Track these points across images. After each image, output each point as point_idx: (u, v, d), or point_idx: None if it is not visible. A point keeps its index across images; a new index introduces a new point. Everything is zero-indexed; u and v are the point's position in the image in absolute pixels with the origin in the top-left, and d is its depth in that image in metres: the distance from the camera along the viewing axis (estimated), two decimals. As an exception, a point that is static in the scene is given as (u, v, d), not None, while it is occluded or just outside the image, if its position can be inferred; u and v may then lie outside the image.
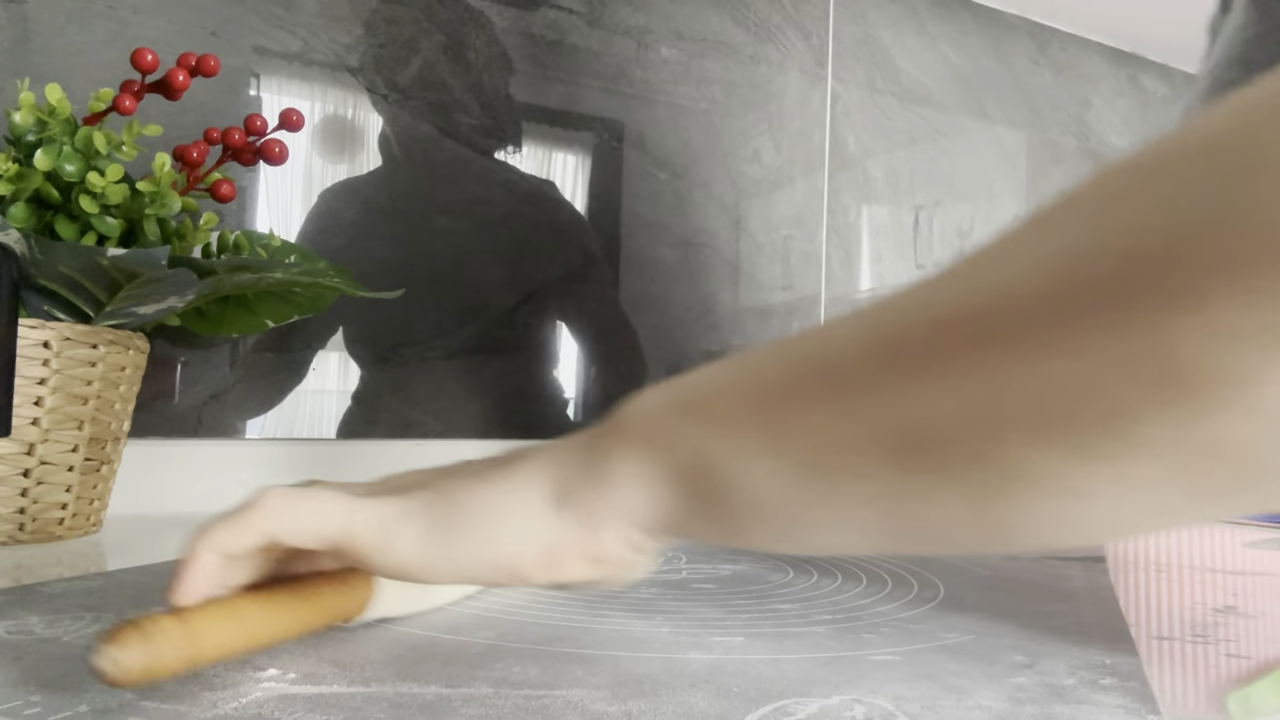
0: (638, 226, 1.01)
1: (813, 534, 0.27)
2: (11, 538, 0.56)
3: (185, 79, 0.64)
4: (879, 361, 0.24)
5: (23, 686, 0.28)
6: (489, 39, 0.92)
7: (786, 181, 1.11)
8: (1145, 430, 0.21)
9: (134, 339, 0.62)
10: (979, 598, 0.46)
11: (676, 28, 1.03)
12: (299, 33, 0.83)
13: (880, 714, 0.28)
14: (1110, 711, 0.29)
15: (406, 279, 0.86)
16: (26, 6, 0.72)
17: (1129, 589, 0.51)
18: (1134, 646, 0.37)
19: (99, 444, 0.60)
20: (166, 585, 0.29)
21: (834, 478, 0.25)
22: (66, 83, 0.67)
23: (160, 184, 0.60)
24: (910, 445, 0.24)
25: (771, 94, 1.09)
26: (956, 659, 0.34)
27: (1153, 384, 0.20)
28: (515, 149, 0.94)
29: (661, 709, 0.28)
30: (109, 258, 0.54)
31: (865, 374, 0.25)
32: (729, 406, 0.28)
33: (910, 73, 1.20)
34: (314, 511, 0.30)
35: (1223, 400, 0.19)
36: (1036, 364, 0.21)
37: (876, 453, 0.24)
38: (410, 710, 0.27)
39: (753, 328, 1.07)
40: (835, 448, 0.25)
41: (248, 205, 0.81)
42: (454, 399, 0.90)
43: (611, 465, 0.29)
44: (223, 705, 0.27)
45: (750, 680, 0.31)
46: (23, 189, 0.57)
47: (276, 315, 0.74)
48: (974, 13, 1.26)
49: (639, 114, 1.01)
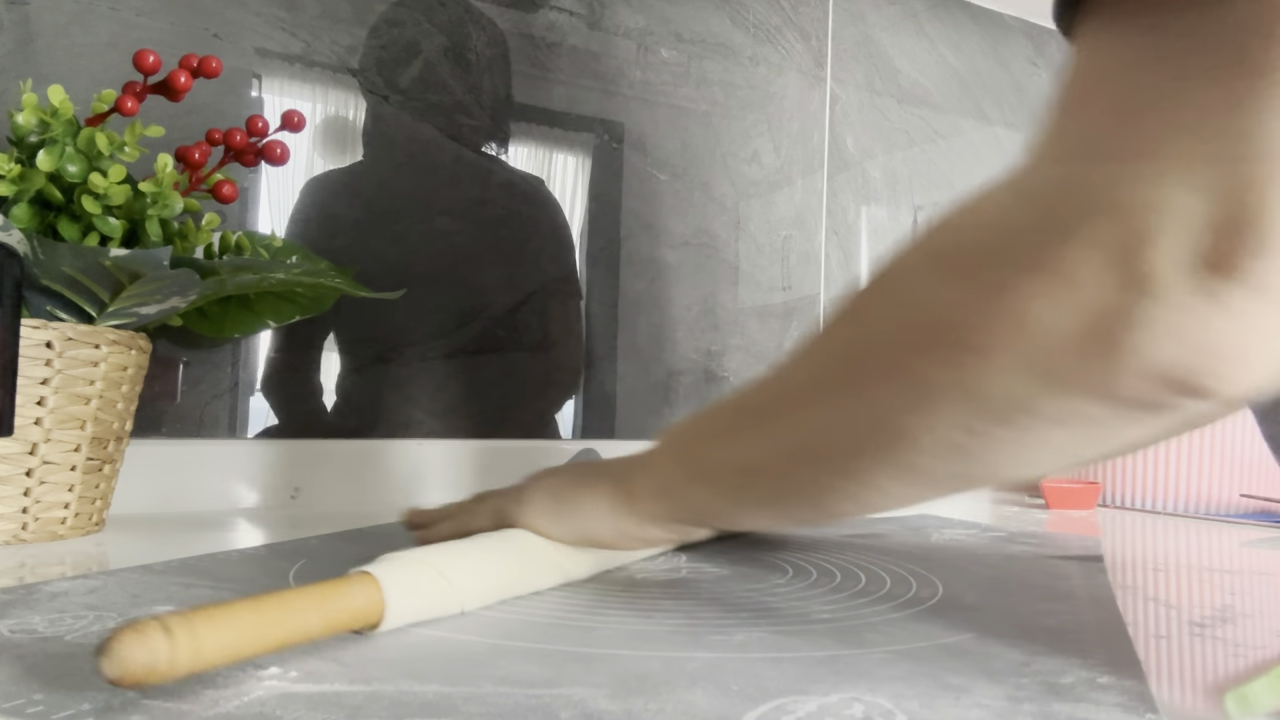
0: (638, 227, 1.01)
1: (741, 523, 0.51)
2: (14, 537, 0.56)
3: (187, 80, 0.64)
4: (777, 402, 0.39)
5: (25, 685, 0.29)
6: (489, 41, 0.92)
7: (786, 182, 1.11)
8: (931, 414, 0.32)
9: (136, 339, 0.62)
10: (977, 597, 0.46)
11: (676, 29, 1.03)
12: (300, 34, 0.83)
13: (879, 712, 0.28)
14: (1108, 710, 0.29)
15: (407, 279, 0.86)
16: (29, 8, 0.72)
17: (1127, 588, 0.51)
18: (1132, 645, 0.37)
19: (101, 443, 0.61)
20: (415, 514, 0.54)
21: (743, 490, 0.42)
22: (69, 84, 0.67)
23: (162, 185, 0.60)
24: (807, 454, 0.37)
25: (771, 95, 1.10)
26: (955, 658, 0.34)
27: None
28: (516, 150, 0.94)
29: (662, 707, 0.28)
30: (111, 258, 0.54)
31: (769, 412, 0.39)
32: (680, 445, 0.45)
33: (909, 74, 1.21)
34: (479, 521, 0.50)
35: None
36: (866, 394, 0.33)
37: (782, 462, 0.38)
38: (412, 708, 0.27)
39: (752, 328, 1.08)
40: (745, 468, 0.41)
41: (249, 206, 0.81)
42: (454, 399, 0.90)
43: (638, 487, 0.47)
44: (225, 704, 0.27)
45: (750, 679, 0.31)
46: (25, 190, 0.57)
47: (278, 315, 0.74)
48: (972, 14, 1.26)
49: (639, 115, 1.01)
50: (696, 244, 1.04)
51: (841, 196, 1.15)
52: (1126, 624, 0.41)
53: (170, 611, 0.28)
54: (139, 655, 0.26)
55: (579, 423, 0.98)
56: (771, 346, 1.09)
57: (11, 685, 0.28)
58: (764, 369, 0.39)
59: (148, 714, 0.26)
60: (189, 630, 0.27)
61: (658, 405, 1.02)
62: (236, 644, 0.29)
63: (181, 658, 0.27)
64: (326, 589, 0.34)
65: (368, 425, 0.86)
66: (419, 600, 0.37)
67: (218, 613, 0.29)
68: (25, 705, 0.27)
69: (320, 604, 0.33)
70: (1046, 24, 1.32)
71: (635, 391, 1.01)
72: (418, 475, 0.86)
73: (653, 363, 1.02)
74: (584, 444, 0.94)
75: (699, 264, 1.04)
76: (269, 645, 0.31)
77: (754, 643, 0.36)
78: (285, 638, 0.31)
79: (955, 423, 0.30)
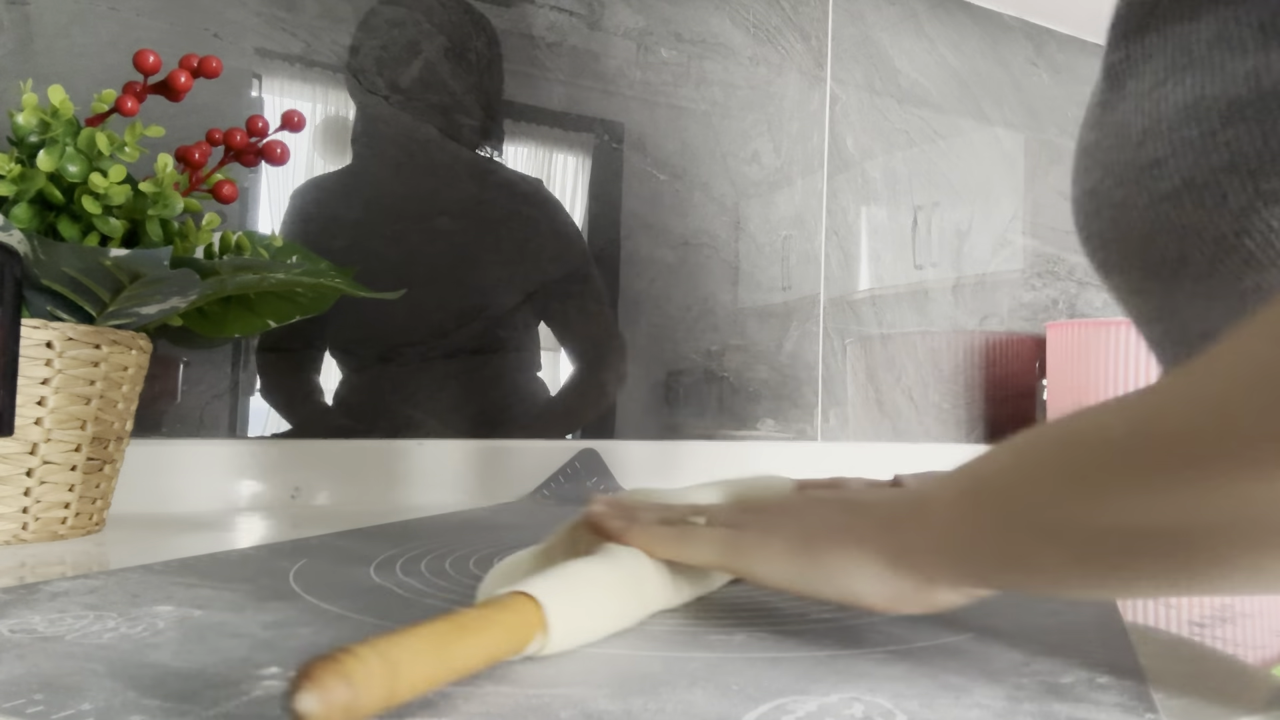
0: (637, 227, 1.01)
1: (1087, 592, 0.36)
2: (15, 537, 0.56)
3: (187, 80, 0.64)
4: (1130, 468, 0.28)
5: (25, 685, 0.28)
6: (489, 41, 0.92)
7: (786, 182, 1.11)
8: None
9: (136, 339, 0.62)
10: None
11: (676, 30, 1.03)
12: (300, 34, 0.83)
13: (879, 712, 0.28)
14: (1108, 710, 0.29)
15: (407, 279, 0.86)
16: (30, 8, 0.72)
17: (1127, 589, 0.51)
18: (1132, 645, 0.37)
19: (101, 443, 0.61)
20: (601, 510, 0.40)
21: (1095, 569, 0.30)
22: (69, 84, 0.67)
23: (163, 185, 0.60)
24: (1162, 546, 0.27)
25: (771, 95, 1.10)
26: (955, 657, 0.34)
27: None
28: (516, 151, 0.94)
29: (661, 707, 0.28)
30: (112, 258, 0.54)
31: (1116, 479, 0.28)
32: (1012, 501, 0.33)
33: (908, 74, 1.21)
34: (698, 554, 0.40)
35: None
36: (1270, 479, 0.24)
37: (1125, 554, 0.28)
38: (411, 708, 0.27)
39: (752, 328, 1.08)
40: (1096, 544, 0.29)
41: (250, 206, 0.81)
42: (454, 399, 0.90)
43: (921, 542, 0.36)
44: (225, 703, 0.27)
45: (750, 678, 0.31)
46: (26, 190, 0.57)
47: (278, 315, 0.74)
48: (972, 15, 1.26)
49: (639, 115, 1.01)
50: (696, 244, 1.04)
51: (841, 196, 1.15)
52: (1126, 624, 0.41)
53: (357, 645, 0.25)
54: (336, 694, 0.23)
55: (579, 423, 0.98)
56: (771, 346, 1.09)
57: (12, 685, 0.28)
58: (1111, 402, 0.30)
59: (148, 714, 0.26)
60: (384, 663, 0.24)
61: (658, 405, 1.02)
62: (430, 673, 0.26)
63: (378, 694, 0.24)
64: (490, 608, 0.31)
65: (368, 425, 0.86)
66: (580, 629, 0.34)
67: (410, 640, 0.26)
68: (25, 705, 0.27)
69: (491, 623, 0.30)
70: (1046, 24, 1.32)
71: (635, 391, 1.01)
72: (418, 475, 0.86)
73: (653, 363, 1.02)
74: (584, 444, 0.94)
75: (699, 264, 1.04)
76: (460, 671, 0.28)
77: (754, 643, 0.36)
78: (473, 662, 0.29)
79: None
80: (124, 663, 0.31)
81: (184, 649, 0.33)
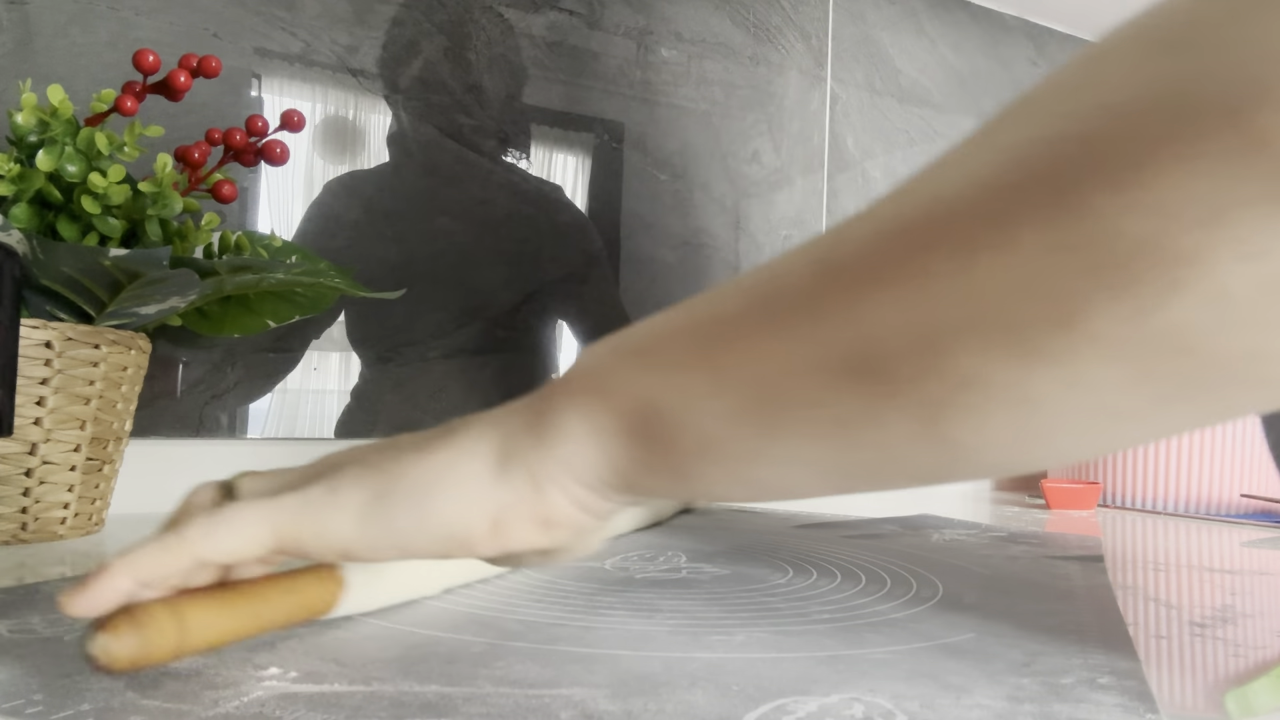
0: (638, 227, 1.01)
1: (765, 472, 0.26)
2: (14, 537, 0.56)
3: (187, 80, 0.64)
4: (822, 284, 0.23)
5: (24, 686, 0.28)
6: (489, 40, 0.92)
7: (786, 182, 1.11)
8: (1094, 324, 0.19)
9: (136, 339, 0.62)
10: (978, 597, 0.46)
11: (676, 29, 1.03)
12: (300, 34, 0.83)
13: (879, 713, 0.28)
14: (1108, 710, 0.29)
15: (407, 279, 0.86)
16: (29, 8, 0.72)
17: (1127, 588, 0.51)
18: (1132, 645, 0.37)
19: (101, 444, 0.61)
20: (67, 592, 0.28)
21: (782, 408, 0.24)
22: (68, 83, 0.67)
23: (162, 184, 0.60)
24: (856, 366, 0.23)
25: (771, 95, 1.10)
26: (955, 658, 0.34)
27: (1096, 272, 0.18)
28: (516, 150, 0.94)
29: (661, 707, 0.28)
30: (111, 258, 0.54)
31: (809, 298, 0.24)
32: (673, 347, 0.27)
33: (909, 74, 1.21)
34: (237, 528, 0.29)
35: (1175, 284, 0.18)
36: (971, 264, 0.20)
37: (822, 377, 0.23)
38: (411, 709, 0.27)
39: (752, 328, 1.08)
40: (781, 377, 0.24)
41: (249, 206, 0.81)
42: (454, 399, 0.90)
43: (556, 420, 0.28)
44: (224, 704, 0.27)
45: (750, 679, 0.31)
46: (25, 189, 0.57)
47: (278, 315, 0.74)
48: (972, 14, 1.26)
49: (639, 115, 1.01)
50: (696, 244, 1.04)
51: (841, 196, 1.15)
52: (1127, 624, 0.41)
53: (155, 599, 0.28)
54: (125, 642, 0.26)
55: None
56: (771, 346, 1.09)
57: (11, 685, 0.28)
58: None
59: (147, 714, 0.26)
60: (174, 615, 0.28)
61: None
62: (220, 629, 0.30)
63: (167, 643, 0.27)
64: (302, 569, 0.34)
65: (368, 425, 0.86)
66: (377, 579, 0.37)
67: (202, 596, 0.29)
68: (25, 705, 0.27)
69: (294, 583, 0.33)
70: (1046, 24, 1.32)
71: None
72: (418, 475, 0.86)
73: (653, 363, 1.02)
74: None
75: (699, 264, 1.04)
76: (252, 629, 0.31)
77: (754, 643, 0.36)
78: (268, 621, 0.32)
79: None
80: (123, 663, 0.31)
81: (183, 649, 0.33)
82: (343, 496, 0.29)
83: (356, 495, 0.29)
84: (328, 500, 0.29)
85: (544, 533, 0.29)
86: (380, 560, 0.30)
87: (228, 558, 0.29)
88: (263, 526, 0.29)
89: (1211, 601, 0.48)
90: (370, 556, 0.29)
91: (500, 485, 0.28)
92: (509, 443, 0.29)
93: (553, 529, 0.29)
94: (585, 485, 0.28)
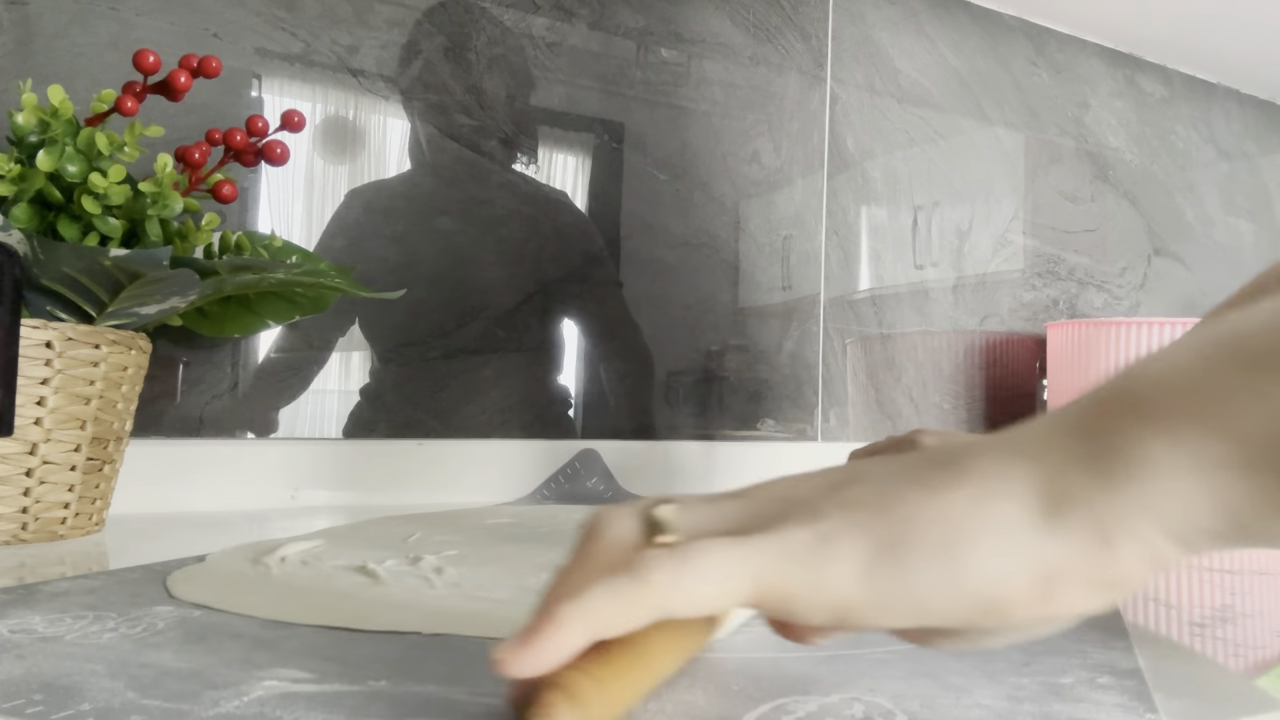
0: (638, 227, 1.01)
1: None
2: (14, 537, 0.56)
3: (187, 80, 0.64)
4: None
5: (25, 685, 0.28)
6: (489, 40, 0.92)
7: (786, 182, 1.11)
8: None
9: (136, 339, 0.62)
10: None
11: (676, 29, 1.03)
12: (300, 34, 0.83)
13: (879, 712, 0.28)
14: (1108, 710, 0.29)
15: (407, 279, 0.86)
16: (29, 8, 0.72)
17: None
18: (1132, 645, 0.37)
19: (101, 444, 0.61)
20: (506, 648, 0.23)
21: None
22: (69, 84, 0.67)
23: (162, 185, 0.60)
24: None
25: (771, 95, 1.10)
26: (955, 658, 0.34)
27: None
28: (523, 156, 0.94)
29: (661, 707, 0.28)
30: (111, 258, 0.54)
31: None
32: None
33: (909, 74, 1.21)
34: (710, 575, 0.24)
35: None
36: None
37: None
38: (411, 709, 0.27)
39: (752, 328, 1.08)
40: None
41: (249, 206, 0.81)
42: (454, 399, 0.90)
43: (1132, 452, 0.22)
44: (225, 703, 0.27)
45: (750, 679, 0.31)
46: (25, 190, 0.57)
47: (278, 315, 0.74)
48: (972, 14, 1.26)
49: (639, 115, 1.01)
50: (696, 244, 1.04)
51: (841, 196, 1.15)
52: (1126, 624, 0.41)
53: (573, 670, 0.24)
54: None
55: (579, 423, 0.98)
56: (772, 346, 1.09)
57: (12, 685, 0.28)
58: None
59: (147, 714, 0.26)
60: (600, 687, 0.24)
61: (658, 405, 1.02)
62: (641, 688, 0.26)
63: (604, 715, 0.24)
64: None
65: (368, 425, 0.86)
66: None
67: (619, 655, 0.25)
68: (25, 705, 0.27)
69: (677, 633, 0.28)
70: (1047, 24, 1.32)
71: (635, 391, 1.01)
72: (418, 475, 0.86)
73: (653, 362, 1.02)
74: (584, 444, 0.94)
75: (699, 264, 1.04)
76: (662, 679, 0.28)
77: (754, 643, 0.36)
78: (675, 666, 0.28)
79: None
80: (124, 663, 0.31)
81: (184, 649, 0.33)
82: (839, 546, 0.24)
83: (857, 544, 0.23)
84: (818, 549, 0.24)
85: (1100, 596, 0.23)
86: (887, 626, 0.24)
87: (696, 610, 0.24)
88: (742, 577, 0.24)
89: (1211, 601, 0.48)
90: (875, 620, 0.24)
91: (1051, 537, 0.22)
92: (1057, 481, 0.23)
93: (1111, 590, 0.23)
94: (1174, 537, 0.22)
